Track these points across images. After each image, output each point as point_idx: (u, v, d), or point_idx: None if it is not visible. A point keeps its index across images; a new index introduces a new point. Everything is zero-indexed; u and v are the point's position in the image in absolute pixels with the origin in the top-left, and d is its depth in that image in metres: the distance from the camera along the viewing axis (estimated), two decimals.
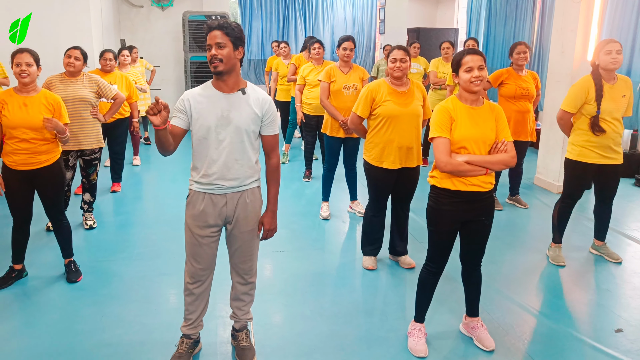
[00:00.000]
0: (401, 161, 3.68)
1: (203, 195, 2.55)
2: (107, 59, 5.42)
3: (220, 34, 2.41)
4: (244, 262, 2.73)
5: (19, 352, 2.87)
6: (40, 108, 3.41)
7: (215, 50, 2.41)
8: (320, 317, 3.30)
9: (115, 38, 9.58)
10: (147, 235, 4.60)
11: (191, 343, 2.81)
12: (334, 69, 4.76)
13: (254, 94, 2.56)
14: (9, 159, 3.44)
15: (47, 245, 4.30)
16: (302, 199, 5.77)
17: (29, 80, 3.38)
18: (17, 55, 3.37)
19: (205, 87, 2.54)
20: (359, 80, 4.75)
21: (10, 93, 3.41)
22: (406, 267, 3.99)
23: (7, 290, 3.56)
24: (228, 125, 2.48)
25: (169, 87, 10.35)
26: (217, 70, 2.43)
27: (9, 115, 3.35)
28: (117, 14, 9.96)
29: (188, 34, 9.29)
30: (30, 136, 3.39)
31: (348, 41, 4.68)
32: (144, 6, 10.24)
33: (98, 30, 8.16)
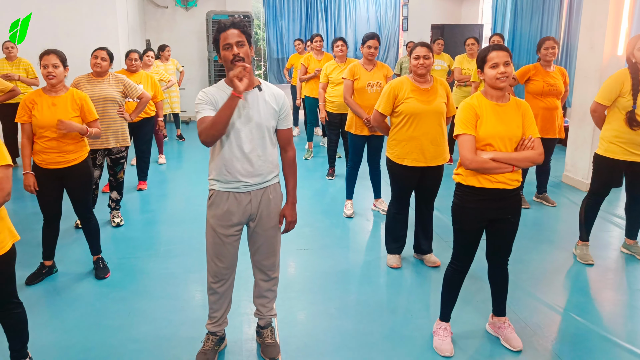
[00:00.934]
0: (425, 159, 3.65)
1: (227, 195, 2.57)
2: (132, 59, 5.50)
3: (238, 33, 2.42)
4: (267, 259, 2.75)
5: (50, 346, 2.93)
6: (68, 107, 3.47)
7: (236, 48, 2.41)
8: (345, 314, 3.29)
9: (140, 38, 9.72)
10: (172, 233, 4.65)
11: (217, 340, 2.83)
12: (357, 67, 4.74)
13: (269, 90, 2.57)
14: (39, 158, 3.52)
15: (76, 242, 4.39)
16: (326, 197, 5.77)
17: (56, 82, 3.45)
18: (44, 57, 3.44)
19: (221, 86, 2.52)
20: (382, 77, 4.73)
21: (40, 93, 3.49)
22: (431, 266, 3.96)
23: (38, 285, 3.64)
24: (249, 123, 2.49)
25: (193, 86, 10.46)
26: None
27: (38, 115, 3.42)
28: (142, 15, 10.10)
29: (212, 33, 9.36)
30: (59, 135, 3.45)
31: (373, 39, 4.66)
32: (168, 7, 10.36)
33: (124, 31, 8.29)
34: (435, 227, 4.17)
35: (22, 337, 2.61)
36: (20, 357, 2.62)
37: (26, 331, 2.63)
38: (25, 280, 3.63)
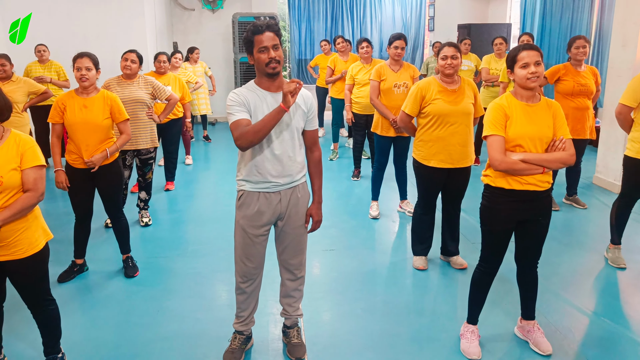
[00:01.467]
0: (452, 160, 3.62)
1: (257, 195, 2.59)
2: (161, 61, 5.58)
3: (273, 36, 2.44)
4: (294, 257, 2.76)
5: (82, 342, 3.00)
6: (100, 108, 3.55)
7: (273, 52, 2.43)
8: (371, 315, 3.29)
9: (168, 41, 9.86)
10: (200, 233, 4.71)
11: (243, 339, 2.86)
12: (384, 67, 4.73)
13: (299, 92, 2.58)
14: (71, 158, 3.60)
15: (107, 241, 4.47)
16: (352, 198, 5.76)
17: (89, 84, 3.53)
18: (77, 60, 3.52)
19: (252, 87, 2.53)
20: (409, 78, 4.70)
21: (72, 95, 3.57)
22: (458, 268, 3.92)
23: (70, 283, 3.73)
24: (280, 124, 2.50)
25: (219, 87, 10.54)
26: (277, 71, 2.45)
27: (70, 117, 3.51)
28: (169, 18, 10.24)
29: (238, 35, 9.44)
30: (90, 135, 3.53)
31: (400, 39, 4.64)
32: (195, 9, 10.48)
33: (152, 34, 8.43)
34: (462, 229, 4.13)
35: (55, 333, 2.68)
36: (54, 352, 2.69)
37: (59, 327, 2.69)
38: (58, 278, 3.72)
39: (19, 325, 3.06)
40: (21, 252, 2.41)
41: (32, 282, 2.52)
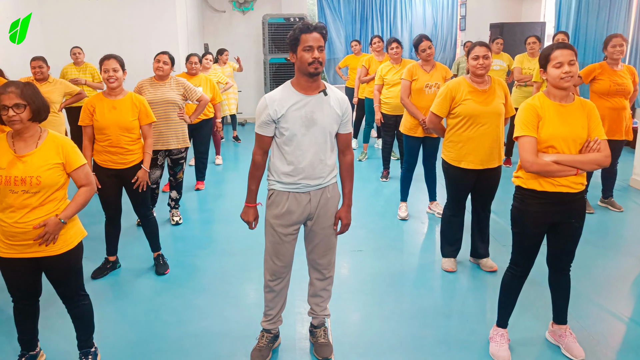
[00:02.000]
0: (482, 161, 3.57)
1: (287, 195, 2.61)
2: (192, 62, 5.66)
3: (320, 37, 2.45)
4: (323, 257, 2.76)
5: (114, 338, 3.07)
6: (128, 110, 3.62)
7: (317, 52, 2.44)
8: (399, 317, 3.27)
9: (199, 42, 10.01)
10: (229, 232, 4.76)
11: (271, 337, 2.88)
12: (416, 67, 4.69)
13: (334, 94, 2.58)
14: (100, 158, 3.69)
15: (139, 239, 4.56)
16: (380, 198, 5.74)
17: (116, 85, 3.60)
18: (104, 61, 3.60)
19: (286, 89, 2.56)
20: (441, 79, 4.66)
21: (100, 97, 3.66)
22: (487, 270, 3.86)
23: (103, 280, 3.82)
24: (313, 126, 2.51)
25: (249, 89, 10.66)
26: (318, 72, 2.46)
27: (100, 118, 3.59)
28: (201, 20, 10.39)
29: (268, 36, 9.51)
30: (119, 136, 3.61)
31: (424, 41, 4.61)
32: (226, 11, 10.61)
33: (183, 36, 8.56)
34: (492, 231, 4.07)
35: (88, 328, 2.75)
36: (87, 346, 2.76)
37: (92, 322, 2.76)
38: (91, 274, 3.81)
39: (55, 320, 3.15)
40: (56, 248, 2.49)
41: (67, 278, 2.60)
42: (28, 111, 2.38)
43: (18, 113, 2.34)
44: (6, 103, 2.34)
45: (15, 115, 2.34)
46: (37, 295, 2.68)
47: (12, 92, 2.34)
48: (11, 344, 2.93)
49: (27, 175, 2.37)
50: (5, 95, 2.34)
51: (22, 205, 2.39)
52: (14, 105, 2.34)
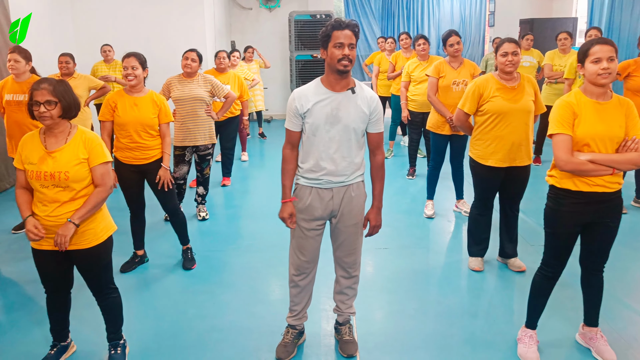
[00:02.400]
0: (510, 159, 3.51)
1: (310, 190, 2.61)
2: (221, 58, 5.71)
3: (351, 35, 2.44)
4: (348, 256, 2.76)
5: (142, 330, 3.12)
6: (149, 107, 3.67)
7: (348, 50, 2.43)
8: (424, 315, 3.24)
9: (226, 40, 10.08)
10: (254, 228, 4.79)
11: (296, 333, 2.89)
12: (443, 64, 4.64)
13: (362, 93, 2.57)
14: (121, 154, 3.74)
15: (166, 234, 4.63)
16: (406, 196, 5.70)
17: (136, 82, 3.65)
18: (124, 59, 3.66)
19: (315, 85, 2.57)
20: (469, 76, 4.59)
21: (121, 94, 3.71)
22: (516, 270, 3.80)
23: (131, 274, 3.88)
24: (337, 124, 2.51)
25: (275, 85, 10.70)
26: (347, 69, 2.45)
27: (122, 114, 3.65)
28: (228, 17, 10.46)
29: (294, 33, 9.52)
30: (140, 132, 3.66)
31: (452, 36, 4.56)
32: (252, 8, 10.66)
33: (211, 33, 8.64)
34: (520, 231, 4.00)
35: (117, 320, 2.80)
36: (116, 338, 2.81)
37: (121, 315, 2.81)
38: (120, 268, 3.87)
39: (85, 312, 3.21)
40: (87, 242, 2.54)
41: (97, 271, 2.65)
42: (59, 108, 2.43)
43: (49, 110, 2.39)
44: (38, 99, 2.39)
45: (46, 111, 2.39)
46: (68, 287, 2.74)
47: (45, 89, 2.39)
48: (43, 334, 3.00)
49: (55, 171, 2.42)
50: (38, 92, 2.39)
51: (53, 200, 2.44)
52: (45, 101, 2.39)
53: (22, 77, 4.40)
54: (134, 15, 8.12)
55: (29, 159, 2.46)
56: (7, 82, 4.46)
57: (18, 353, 2.91)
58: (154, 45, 7.69)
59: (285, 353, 2.81)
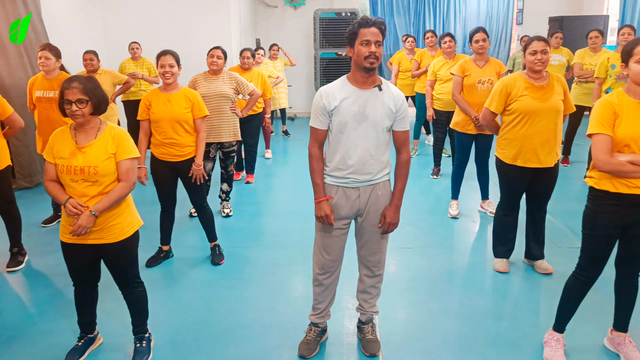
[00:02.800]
0: (537, 159, 3.45)
1: (336, 189, 2.61)
2: (245, 57, 5.74)
3: (378, 32, 2.43)
4: (372, 255, 2.75)
5: (167, 324, 3.16)
6: (182, 103, 3.71)
7: (374, 47, 2.43)
8: (447, 316, 3.21)
9: (251, 37, 10.14)
10: (278, 226, 4.81)
11: (319, 331, 2.89)
12: (468, 62, 4.58)
13: (389, 91, 2.55)
14: (157, 151, 3.80)
15: (191, 229, 4.68)
16: (430, 196, 5.65)
17: (172, 80, 3.70)
18: (161, 57, 3.70)
19: (342, 82, 2.56)
20: (495, 74, 4.53)
21: (156, 92, 3.76)
22: (542, 273, 3.74)
23: (157, 268, 3.94)
24: (364, 121, 2.50)
25: (299, 83, 10.72)
26: (374, 67, 2.44)
27: (156, 111, 3.70)
28: (253, 15, 10.52)
29: (319, 31, 9.53)
30: (174, 128, 3.70)
31: (479, 32, 4.51)
32: (278, 6, 10.70)
33: (236, 31, 8.69)
34: (547, 232, 3.93)
35: (143, 314, 2.84)
36: (141, 332, 2.85)
37: (146, 308, 2.85)
38: (145, 263, 3.93)
39: (112, 305, 3.27)
40: (114, 236, 2.58)
41: (123, 265, 2.69)
42: (90, 106, 2.47)
43: (80, 108, 2.44)
44: (70, 98, 2.44)
45: (78, 110, 2.44)
46: (96, 280, 2.79)
47: (76, 88, 2.44)
48: (71, 326, 3.07)
49: (85, 165, 2.47)
50: (69, 91, 2.44)
51: (82, 194, 2.49)
52: (77, 100, 2.44)
53: (52, 74, 4.50)
54: (160, 14, 8.22)
55: (60, 153, 2.51)
56: (37, 79, 4.56)
57: (47, 344, 2.98)
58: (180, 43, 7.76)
59: (308, 350, 2.82)
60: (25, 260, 4.06)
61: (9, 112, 3.79)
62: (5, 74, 5.72)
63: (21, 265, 3.99)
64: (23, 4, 5.99)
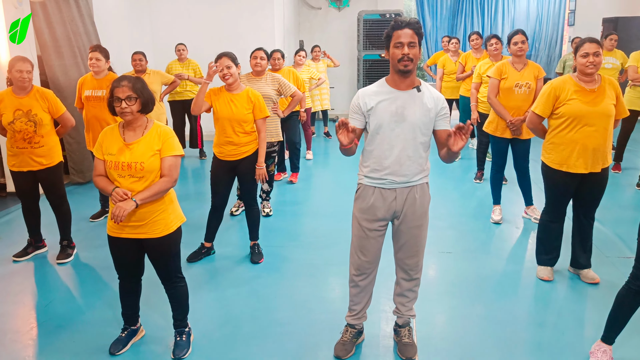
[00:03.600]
0: (586, 165, 3.34)
1: (373, 190, 2.60)
2: (275, 58, 5.78)
3: (412, 33, 2.42)
4: (410, 258, 2.72)
5: (207, 319, 3.22)
6: (243, 103, 3.78)
7: (407, 49, 2.42)
8: (487, 322, 3.15)
9: (294, 39, 10.21)
10: (317, 226, 4.83)
11: (355, 333, 2.89)
12: (506, 65, 4.51)
13: (428, 92, 2.54)
14: (218, 150, 3.89)
15: (232, 228, 4.76)
16: (473, 200, 5.55)
17: (232, 81, 3.77)
18: (217, 60, 3.77)
19: (380, 84, 2.58)
20: (533, 78, 4.44)
21: (222, 89, 3.85)
22: (589, 282, 3.61)
23: (198, 264, 4.02)
24: (402, 122, 2.49)
25: (342, 85, 10.73)
26: (407, 69, 2.44)
27: (218, 110, 3.79)
28: (297, 17, 10.59)
29: (362, 32, 9.51)
30: (235, 128, 3.78)
31: (518, 34, 4.44)
32: (321, 8, 10.74)
33: (280, 33, 8.77)
34: (595, 240, 3.79)
35: (183, 308, 2.91)
36: (182, 326, 2.92)
37: (187, 303, 2.92)
38: (187, 258, 4.02)
39: (155, 299, 3.35)
40: (158, 231, 2.66)
41: (166, 260, 2.77)
42: (138, 103, 2.56)
43: (129, 105, 2.53)
44: (119, 95, 2.53)
45: (127, 107, 2.53)
46: (139, 274, 2.88)
47: (125, 86, 2.54)
48: (116, 318, 3.17)
49: (132, 161, 2.55)
50: (119, 89, 2.53)
51: (128, 189, 2.57)
52: (126, 97, 2.53)
53: (101, 75, 4.67)
54: (206, 16, 8.39)
55: (109, 150, 2.60)
56: (86, 78, 4.74)
57: (93, 333, 3.09)
58: (225, 45, 7.85)
59: (344, 351, 2.82)
60: (74, 253, 4.23)
61: (62, 111, 3.96)
62: (60, 74, 5.97)
63: (70, 257, 4.16)
64: (76, 6, 6.24)
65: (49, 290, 3.69)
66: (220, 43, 7.78)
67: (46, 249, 4.30)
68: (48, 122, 3.90)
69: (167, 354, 2.87)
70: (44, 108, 3.86)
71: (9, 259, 4.13)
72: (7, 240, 4.56)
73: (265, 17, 8.40)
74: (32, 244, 4.21)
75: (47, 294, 3.63)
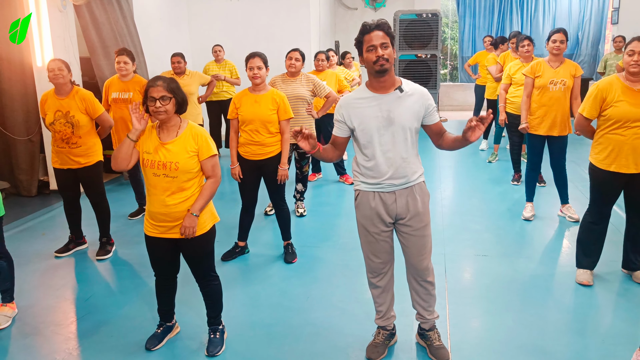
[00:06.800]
0: (636, 165, 3.26)
1: (373, 194, 2.59)
2: (319, 60, 5.80)
3: (382, 35, 2.41)
4: (419, 262, 2.68)
5: (241, 318, 3.26)
6: (268, 105, 3.81)
7: (381, 50, 2.40)
8: (524, 328, 3.07)
9: (330, 39, 10.23)
10: (350, 227, 4.79)
11: (387, 335, 2.87)
12: (541, 64, 4.47)
13: (412, 89, 2.52)
14: (243, 149, 3.93)
15: (266, 227, 4.80)
16: (508, 202, 5.43)
17: (260, 81, 3.80)
18: (249, 59, 3.81)
19: (361, 90, 2.57)
20: (569, 76, 4.37)
21: (246, 92, 3.89)
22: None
23: (232, 263, 4.07)
24: (391, 126, 2.47)
25: None
26: (384, 68, 2.41)
27: (243, 111, 3.82)
28: (333, 17, 10.61)
29: (399, 33, 9.44)
30: (260, 129, 3.81)
31: (559, 33, 4.38)
32: (357, 8, 10.72)
33: (316, 34, 8.80)
34: None
35: (217, 306, 2.95)
36: (216, 323, 2.96)
37: (221, 301, 2.96)
38: (221, 257, 4.08)
39: (190, 297, 3.41)
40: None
41: (200, 258, 2.81)
42: (172, 103, 2.61)
43: (164, 105, 2.58)
44: (154, 95, 2.58)
45: (161, 106, 2.58)
46: (175, 272, 2.93)
47: (160, 86, 2.59)
48: (152, 313, 3.24)
49: (167, 161, 2.60)
50: (154, 89, 2.59)
51: (163, 189, 2.63)
52: (160, 97, 2.57)
53: (128, 77, 4.77)
54: (243, 17, 8.50)
55: (146, 148, 2.66)
56: (113, 81, 4.85)
57: (130, 327, 3.17)
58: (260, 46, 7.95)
59: (376, 353, 2.80)
60: (113, 250, 4.34)
61: (100, 112, 4.05)
62: (109, 74, 6.11)
63: (109, 254, 4.27)
64: (119, 7, 6.40)
65: (88, 285, 3.81)
66: (256, 44, 7.87)
67: (86, 245, 4.43)
68: (86, 123, 4.00)
69: (201, 351, 2.91)
70: (82, 109, 3.96)
71: (51, 254, 4.27)
72: (50, 235, 4.72)
73: (301, 17, 8.44)
74: (73, 240, 4.35)
75: (87, 289, 3.74)
